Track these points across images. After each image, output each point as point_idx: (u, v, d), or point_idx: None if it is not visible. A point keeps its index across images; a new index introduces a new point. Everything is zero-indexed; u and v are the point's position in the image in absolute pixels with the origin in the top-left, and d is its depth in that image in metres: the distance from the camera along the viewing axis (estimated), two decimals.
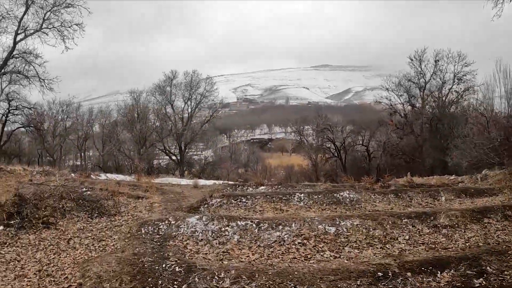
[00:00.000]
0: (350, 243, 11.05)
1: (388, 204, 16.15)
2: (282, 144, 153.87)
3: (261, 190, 19.97)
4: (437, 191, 17.35)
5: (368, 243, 11.08)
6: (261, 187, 20.74)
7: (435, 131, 49.83)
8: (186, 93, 58.66)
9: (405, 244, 11.06)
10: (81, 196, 17.39)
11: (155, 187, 21.92)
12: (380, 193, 17.42)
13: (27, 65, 31.86)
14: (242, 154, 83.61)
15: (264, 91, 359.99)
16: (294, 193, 16.69)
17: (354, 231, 11.63)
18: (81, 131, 61.65)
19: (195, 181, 27.07)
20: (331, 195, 16.55)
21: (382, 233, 11.61)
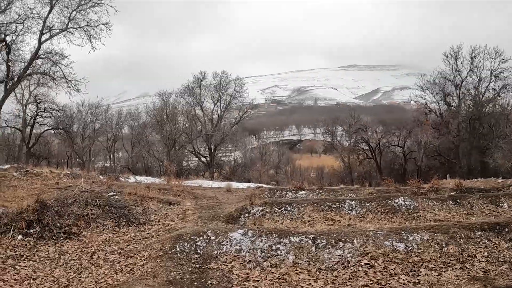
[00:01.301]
0: (424, 263, 9.18)
1: (448, 212, 14.32)
2: (312, 145, 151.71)
3: (301, 195, 18.20)
4: (497, 196, 15.45)
5: (444, 263, 9.24)
6: (301, 191, 18.92)
7: (473, 130, 47.21)
8: (216, 94, 57.14)
9: (485, 263, 9.26)
10: (108, 202, 15.80)
11: (187, 191, 20.29)
12: (437, 199, 15.47)
13: (54, 66, 30.74)
14: (272, 155, 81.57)
15: (292, 92, 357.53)
16: (344, 200, 14.77)
17: (426, 248, 9.73)
18: (110, 133, 60.84)
19: (228, 184, 25.36)
20: (385, 202, 14.62)
21: (457, 249, 9.72)
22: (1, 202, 18.79)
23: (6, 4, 27.89)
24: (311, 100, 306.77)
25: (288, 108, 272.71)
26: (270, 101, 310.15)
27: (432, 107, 52.16)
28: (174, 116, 57.21)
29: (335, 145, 71.30)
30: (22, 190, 22.58)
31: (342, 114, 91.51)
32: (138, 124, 63.70)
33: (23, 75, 29.94)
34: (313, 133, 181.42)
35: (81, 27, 29.66)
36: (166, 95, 57.06)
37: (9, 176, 25.79)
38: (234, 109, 60.42)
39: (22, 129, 46.05)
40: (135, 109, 70.44)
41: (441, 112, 51.62)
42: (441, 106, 51.84)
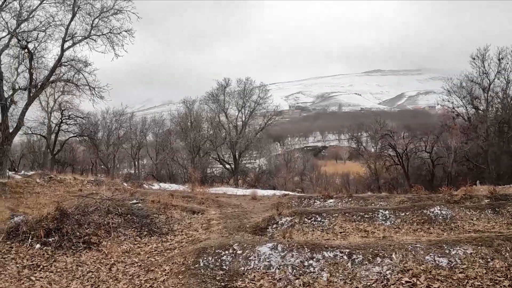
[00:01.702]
0: (470, 280, 8.28)
1: (487, 222, 13.45)
2: (336, 151, 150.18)
3: (330, 203, 17.38)
4: None
5: (491, 279, 8.32)
6: (329, 200, 18.08)
7: (502, 134, 45.62)
8: (240, 101, 56.66)
9: None
10: (130, 211, 15.21)
11: (211, 199, 19.59)
12: (474, 208, 14.58)
13: (77, 73, 30.50)
14: (297, 162, 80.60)
15: (316, 98, 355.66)
16: (376, 209, 13.87)
17: (470, 263, 8.82)
18: (135, 140, 60.79)
19: (253, 191, 24.63)
20: (420, 211, 13.71)
21: (503, 264, 8.80)
22: (22, 209, 18.50)
23: (29, 13, 27.78)
24: (335, 106, 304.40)
25: (312, 114, 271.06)
26: (294, 107, 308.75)
27: (460, 111, 50.46)
28: (198, 123, 56.91)
29: (361, 151, 70.06)
30: (45, 197, 22.39)
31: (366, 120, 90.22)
32: (162, 131, 63.60)
33: (46, 83, 29.67)
34: (337, 139, 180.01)
35: (104, 34, 29.44)
36: (190, 102, 56.98)
37: (33, 183, 25.67)
38: (259, 116, 59.81)
39: (47, 136, 46.32)
40: (159, 116, 70.33)
41: (469, 116, 49.83)
42: (468, 110, 50.01)
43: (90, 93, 30.81)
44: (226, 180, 52.21)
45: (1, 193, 22.50)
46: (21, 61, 28.91)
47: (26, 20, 27.63)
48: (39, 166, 43.92)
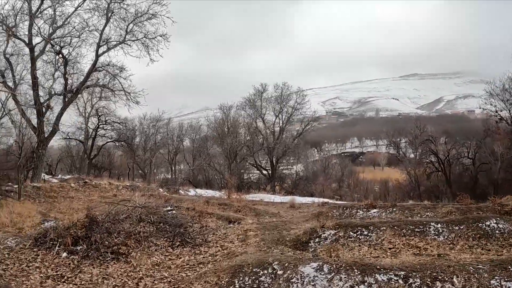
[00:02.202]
0: None
1: None
2: (374, 157, 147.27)
3: (373, 213, 16.09)
4: None
5: None
6: (372, 210, 16.75)
7: None
8: (277, 106, 55.57)
9: None
10: (163, 219, 14.35)
11: (248, 207, 18.56)
12: None
13: (112, 79, 30.26)
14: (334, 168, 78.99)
15: (353, 104, 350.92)
16: (427, 222, 12.48)
17: None
18: (172, 145, 60.50)
19: (291, 199, 23.47)
20: (475, 225, 12.24)
21: None
22: (54, 214, 18.05)
23: (63, 19, 27.64)
24: (372, 111, 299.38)
25: (350, 119, 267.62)
26: (331, 113, 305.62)
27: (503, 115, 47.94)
28: (235, 128, 56.18)
29: (400, 157, 67.95)
30: (79, 202, 22.02)
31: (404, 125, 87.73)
32: (199, 137, 63.13)
33: (81, 88, 29.50)
34: (375, 145, 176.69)
35: (139, 39, 29.04)
36: (227, 107, 56.25)
37: (67, 187, 25.41)
38: (296, 122, 58.76)
39: (84, 141, 46.43)
40: (196, 122, 69.99)
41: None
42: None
43: (125, 98, 30.48)
44: (263, 186, 51.21)
45: (35, 197, 22.26)
46: (57, 67, 28.74)
47: (61, 27, 27.50)
48: (76, 171, 44.03)
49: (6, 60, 26.82)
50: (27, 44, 26.82)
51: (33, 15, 26.33)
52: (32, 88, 27.26)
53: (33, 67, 26.73)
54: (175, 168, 62.24)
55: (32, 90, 27.40)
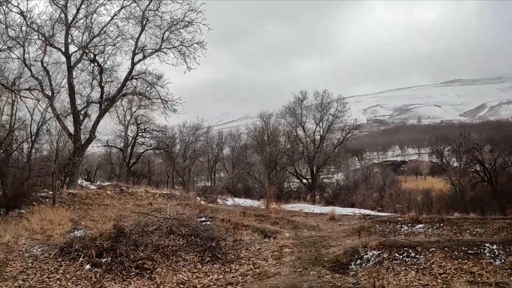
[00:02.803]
0: None
1: None
2: (416, 166, 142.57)
3: (419, 229, 14.62)
4: None
5: None
6: (418, 225, 15.29)
7: None
8: (317, 114, 54.16)
9: None
10: (194, 231, 13.37)
11: (286, 219, 17.32)
12: None
13: (149, 87, 29.73)
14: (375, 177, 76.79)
15: (394, 111, 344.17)
16: (481, 243, 10.90)
17: None
18: (211, 153, 59.90)
19: (331, 210, 22.04)
20: None
21: None
22: (85, 222, 17.57)
23: (100, 28, 27.25)
24: (414, 119, 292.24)
25: (391, 127, 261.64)
26: (372, 121, 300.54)
27: None
28: (275, 137, 55.04)
29: (444, 166, 65.15)
30: (113, 210, 21.57)
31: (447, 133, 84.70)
32: (238, 145, 62.31)
33: (117, 96, 29.02)
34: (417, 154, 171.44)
35: (175, 47, 28.29)
36: (267, 116, 55.16)
37: (103, 194, 25.06)
38: (336, 130, 57.05)
39: (123, 148, 46.36)
40: (236, 130, 69.28)
41: None
42: None
43: (162, 106, 29.83)
44: (303, 195, 49.81)
45: (70, 203, 21.94)
46: (94, 75, 28.46)
47: (97, 36, 27.13)
48: (116, 178, 43.90)
49: (44, 69, 26.60)
50: (64, 53, 26.54)
51: (69, 24, 26.04)
52: (69, 96, 26.93)
53: (70, 76, 26.42)
54: (214, 176, 61.62)
55: (69, 98, 27.07)
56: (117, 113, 43.21)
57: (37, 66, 26.65)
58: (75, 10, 26.18)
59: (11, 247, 12.88)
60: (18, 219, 16.69)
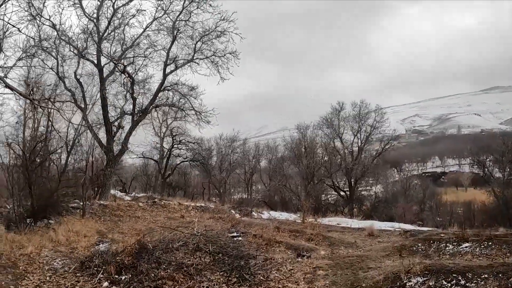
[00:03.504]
0: None
1: None
2: (457, 177, 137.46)
3: (465, 249, 13.07)
4: None
5: None
6: (464, 243, 13.71)
7: None
8: (355, 125, 52.43)
9: None
10: (223, 249, 12.27)
11: (322, 235, 16.00)
12: None
13: (182, 98, 29.07)
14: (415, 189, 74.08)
15: (433, 121, 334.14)
16: None
17: None
18: (248, 165, 58.92)
19: (370, 226, 20.50)
20: None
21: None
22: (112, 235, 16.95)
23: (132, 41, 26.75)
24: (453, 128, 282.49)
25: (430, 138, 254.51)
26: (410, 131, 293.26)
27: None
28: (312, 149, 53.52)
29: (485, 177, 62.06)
30: (143, 222, 20.82)
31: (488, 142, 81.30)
32: (275, 157, 61.12)
33: (149, 107, 28.34)
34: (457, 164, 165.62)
35: (208, 57, 27.48)
36: (304, 127, 53.71)
37: (135, 206, 24.46)
38: (375, 141, 55.16)
39: (158, 160, 45.97)
40: (273, 142, 68.16)
41: None
42: None
43: (196, 117, 29.08)
44: (341, 208, 48.21)
45: (101, 215, 21.32)
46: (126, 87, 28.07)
47: (130, 48, 26.65)
48: (151, 189, 43.46)
49: (77, 81, 26.29)
50: (96, 65, 26.17)
51: (101, 36, 25.67)
52: (102, 108, 26.51)
53: (102, 87, 25.97)
54: (251, 189, 60.64)
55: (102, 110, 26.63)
56: (153, 125, 42.89)
57: (71, 78, 26.42)
58: (107, 22, 25.86)
59: (33, 258, 12.41)
60: (45, 229, 16.18)
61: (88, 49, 25.87)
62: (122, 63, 25.97)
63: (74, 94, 25.97)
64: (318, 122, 53.81)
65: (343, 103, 52.90)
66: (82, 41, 25.80)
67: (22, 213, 16.34)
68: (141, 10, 26.01)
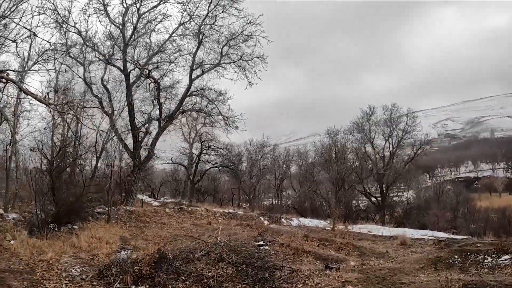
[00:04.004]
0: None
1: None
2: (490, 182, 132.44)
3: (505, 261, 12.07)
4: None
5: None
6: (504, 256, 12.57)
7: None
8: (386, 130, 50.66)
9: None
10: (247, 259, 11.47)
11: (352, 244, 15.00)
12: None
13: (210, 103, 28.35)
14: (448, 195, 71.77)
15: (465, 125, 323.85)
16: None
17: None
18: (278, 171, 57.86)
19: (403, 235, 19.39)
20: None
21: None
22: (135, 241, 16.40)
23: (159, 47, 26.24)
24: (486, 132, 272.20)
25: (462, 142, 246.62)
26: (442, 135, 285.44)
27: None
28: (343, 154, 52.12)
29: None
30: (169, 229, 20.30)
31: None
32: (306, 163, 59.97)
33: (176, 113, 27.75)
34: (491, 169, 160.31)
35: (234, 61, 26.75)
36: (334, 132, 52.34)
37: (161, 213, 24.01)
38: (406, 146, 53.37)
39: (187, 166, 45.43)
40: (303, 148, 66.94)
41: None
42: None
43: (224, 123, 28.34)
44: (372, 215, 46.79)
45: (127, 221, 21.01)
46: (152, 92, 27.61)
47: (156, 53, 26.15)
48: (180, 195, 42.99)
49: (104, 87, 26.10)
50: (122, 71, 25.82)
51: (127, 43, 25.26)
52: (128, 113, 26.13)
53: (129, 93, 25.62)
54: (281, 194, 59.48)
55: (128, 116, 26.25)
56: (182, 131, 42.48)
57: (98, 84, 26.27)
58: (132, 28, 25.53)
59: (52, 264, 11.99)
60: (68, 235, 15.86)
61: (114, 55, 25.58)
62: (147, 68, 25.49)
63: (101, 100, 25.68)
64: (349, 126, 52.29)
65: (374, 107, 51.18)
66: (108, 48, 25.59)
67: (45, 218, 16.00)
68: (167, 16, 25.58)
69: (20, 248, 13.05)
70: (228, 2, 25.27)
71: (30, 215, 16.95)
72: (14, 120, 25.36)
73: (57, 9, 23.20)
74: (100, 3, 24.55)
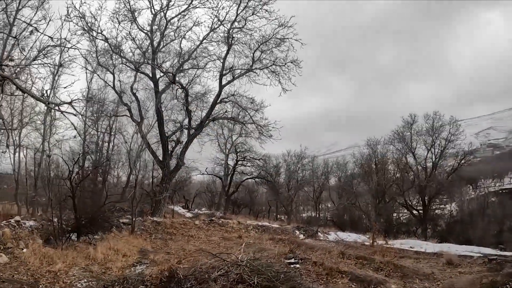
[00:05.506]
0: None
1: None
2: None
3: None
4: None
5: None
6: None
7: None
8: (428, 139, 47.68)
9: None
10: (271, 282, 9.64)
11: (393, 264, 12.94)
12: None
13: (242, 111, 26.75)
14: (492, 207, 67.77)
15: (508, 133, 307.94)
16: None
17: None
18: (316, 183, 55.73)
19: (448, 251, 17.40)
20: None
21: None
22: (154, 255, 14.82)
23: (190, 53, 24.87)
24: None
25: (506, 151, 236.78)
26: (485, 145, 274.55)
27: None
28: (383, 165, 49.50)
29: None
30: (196, 242, 18.86)
31: None
32: (344, 175, 57.52)
33: (206, 120, 26.25)
34: None
35: (267, 67, 24.92)
36: (374, 142, 49.86)
37: (190, 224, 22.76)
38: (448, 156, 50.24)
39: (222, 177, 44.07)
40: (342, 159, 64.58)
41: None
42: None
43: (257, 132, 26.59)
44: (413, 229, 44.03)
45: (152, 232, 19.92)
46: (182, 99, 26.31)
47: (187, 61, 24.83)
48: (215, 206, 41.63)
49: (133, 95, 25.22)
50: (151, 78, 24.80)
51: (155, 50, 24.13)
52: (157, 122, 25.15)
53: (158, 101, 24.52)
54: (319, 207, 57.28)
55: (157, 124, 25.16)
56: (218, 142, 41.43)
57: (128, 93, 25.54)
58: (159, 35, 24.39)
59: (59, 277, 10.90)
60: (85, 245, 14.77)
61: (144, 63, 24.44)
62: (171, 72, 24.15)
63: (131, 109, 24.61)
64: (389, 136, 49.68)
65: (415, 115, 48.40)
66: (137, 55, 24.59)
67: (62, 226, 14.85)
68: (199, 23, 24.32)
69: (31, 257, 12.01)
70: (258, 4, 23.60)
71: (48, 223, 15.84)
72: (43, 128, 24.78)
73: (84, 16, 22.29)
74: (128, 10, 23.51)
